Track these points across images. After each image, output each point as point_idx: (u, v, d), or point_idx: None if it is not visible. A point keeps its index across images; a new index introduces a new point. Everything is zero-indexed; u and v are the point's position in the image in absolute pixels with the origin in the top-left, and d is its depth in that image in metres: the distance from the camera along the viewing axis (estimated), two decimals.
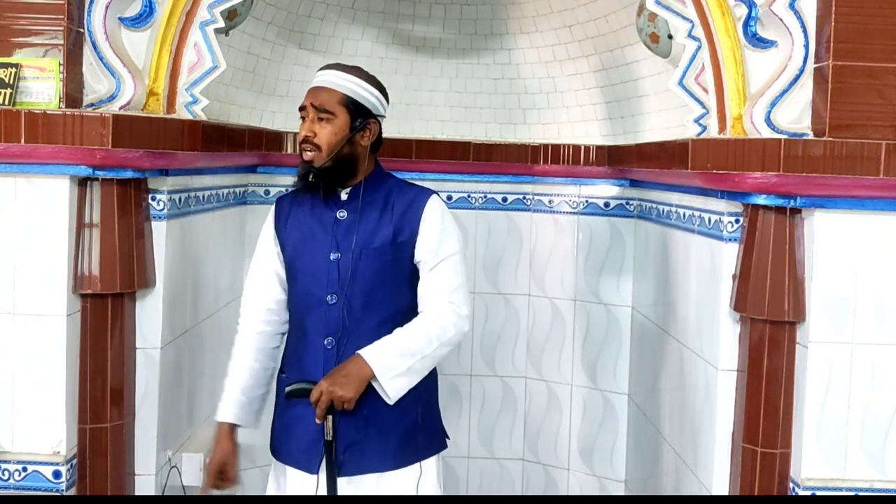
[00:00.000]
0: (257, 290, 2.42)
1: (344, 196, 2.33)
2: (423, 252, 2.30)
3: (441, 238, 2.30)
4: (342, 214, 2.31)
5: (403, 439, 2.31)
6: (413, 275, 2.32)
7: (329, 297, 2.27)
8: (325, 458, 2.23)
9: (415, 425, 2.33)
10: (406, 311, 2.30)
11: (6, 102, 2.29)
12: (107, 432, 2.50)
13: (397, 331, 2.25)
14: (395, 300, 2.30)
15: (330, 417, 2.18)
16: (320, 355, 2.27)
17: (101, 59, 2.43)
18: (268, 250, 2.40)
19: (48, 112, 2.28)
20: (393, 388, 2.20)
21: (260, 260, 2.42)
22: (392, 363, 2.19)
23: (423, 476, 2.33)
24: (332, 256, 2.28)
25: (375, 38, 3.75)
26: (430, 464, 2.37)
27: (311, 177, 2.26)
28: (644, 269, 3.50)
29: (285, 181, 3.66)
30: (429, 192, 2.36)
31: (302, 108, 2.29)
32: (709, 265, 2.64)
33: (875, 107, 2.28)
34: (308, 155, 2.26)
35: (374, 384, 2.20)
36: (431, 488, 2.36)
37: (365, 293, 2.27)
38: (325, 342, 2.27)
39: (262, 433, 3.67)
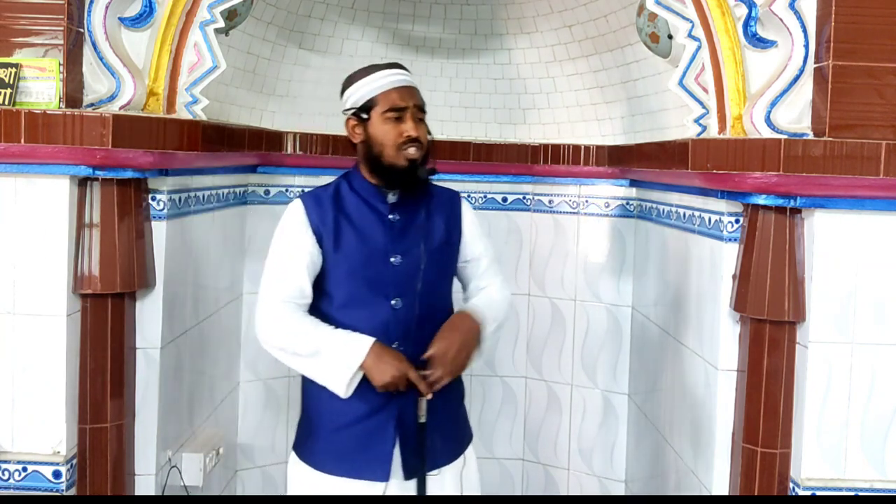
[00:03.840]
0: (291, 285, 2.25)
1: (392, 198, 2.31)
2: (475, 251, 2.41)
3: (483, 236, 2.45)
4: (394, 217, 2.30)
5: (453, 432, 2.37)
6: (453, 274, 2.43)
7: (394, 302, 2.25)
8: (417, 443, 2.21)
9: (462, 415, 2.42)
10: (449, 310, 2.35)
11: (6, 102, 2.29)
12: (107, 432, 2.50)
13: (483, 297, 2.36)
14: (447, 300, 2.37)
15: (424, 400, 2.18)
16: None
17: (101, 59, 2.43)
18: (302, 248, 2.25)
19: (48, 112, 2.28)
20: (486, 348, 2.29)
21: (293, 258, 2.25)
22: (490, 325, 2.30)
23: (466, 465, 2.38)
24: (392, 259, 2.26)
25: (375, 38, 3.75)
26: (471, 452, 2.42)
27: (426, 174, 2.27)
28: (644, 269, 3.50)
29: (285, 181, 3.66)
30: (457, 193, 2.45)
31: (400, 109, 2.24)
32: (709, 265, 2.64)
33: (875, 107, 2.28)
34: (416, 154, 2.24)
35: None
36: (473, 476, 2.40)
37: (428, 295, 2.28)
38: (393, 347, 2.22)
39: (262, 434, 3.68)
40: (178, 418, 2.87)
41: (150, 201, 2.62)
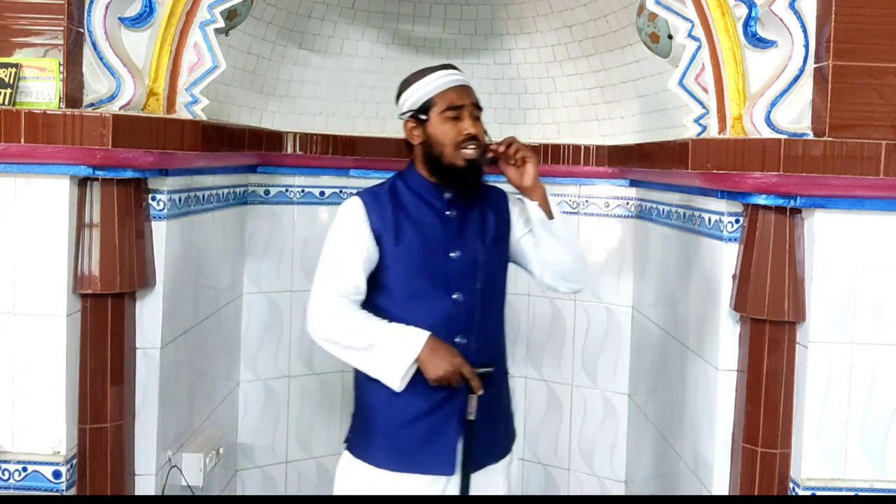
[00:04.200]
0: (347, 281, 2.26)
1: (448, 194, 2.34)
2: (524, 227, 2.41)
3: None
4: (451, 213, 2.33)
5: (505, 429, 2.41)
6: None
7: (456, 296, 2.27)
8: (465, 440, 2.23)
9: (510, 414, 2.45)
10: (504, 305, 2.41)
11: (6, 102, 2.29)
12: (107, 432, 2.50)
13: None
14: (503, 295, 2.40)
15: (474, 397, 2.20)
16: None
17: (101, 59, 2.43)
18: (359, 245, 2.26)
19: (48, 112, 2.28)
20: (556, 214, 2.32)
21: (348, 254, 2.27)
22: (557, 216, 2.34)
23: (512, 462, 2.43)
24: (452, 254, 2.29)
25: (375, 38, 3.75)
26: (514, 451, 2.46)
27: (487, 163, 2.30)
28: (644, 269, 3.50)
29: (285, 181, 3.66)
30: (504, 191, 2.47)
31: (457, 107, 2.29)
32: (709, 265, 2.64)
33: (875, 107, 2.28)
34: (475, 153, 2.29)
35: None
36: (516, 475, 2.46)
37: (486, 289, 2.32)
38: (456, 341, 2.25)
39: (262, 434, 3.68)
40: (178, 418, 2.87)
41: (150, 201, 2.62)
